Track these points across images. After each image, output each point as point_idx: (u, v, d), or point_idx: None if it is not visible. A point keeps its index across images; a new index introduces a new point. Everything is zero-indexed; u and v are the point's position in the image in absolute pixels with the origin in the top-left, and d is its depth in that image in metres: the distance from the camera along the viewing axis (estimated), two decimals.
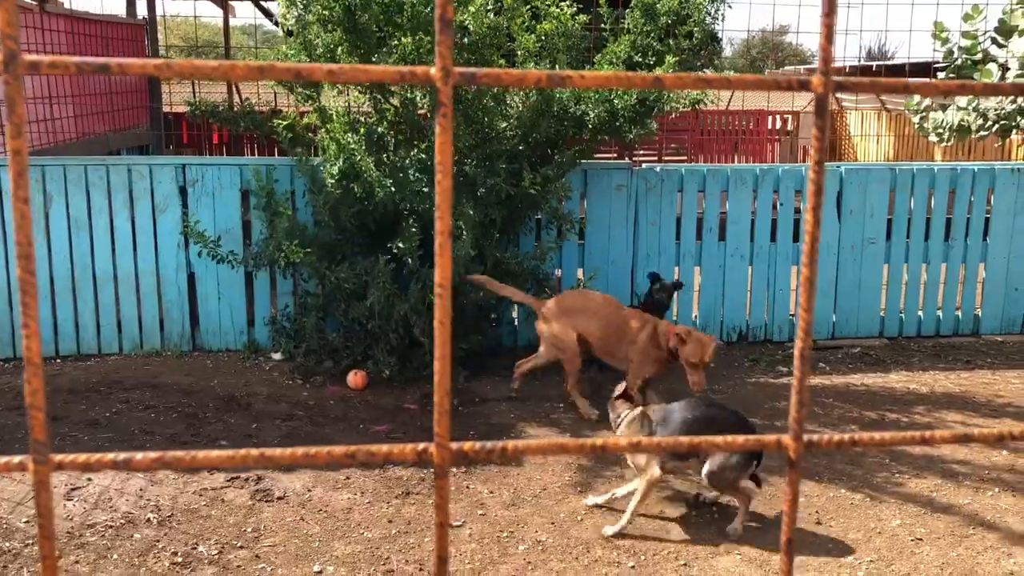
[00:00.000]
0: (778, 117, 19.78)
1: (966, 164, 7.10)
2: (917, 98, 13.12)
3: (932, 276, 7.04)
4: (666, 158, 19.16)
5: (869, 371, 6.38)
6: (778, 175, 6.83)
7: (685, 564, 3.72)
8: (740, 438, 0.63)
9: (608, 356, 5.44)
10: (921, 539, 3.97)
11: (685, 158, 18.99)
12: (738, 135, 20.02)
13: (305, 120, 6.00)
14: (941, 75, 12.51)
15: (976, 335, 7.13)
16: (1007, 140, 11.64)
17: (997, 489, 4.45)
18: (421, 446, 0.59)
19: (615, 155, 19.46)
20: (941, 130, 11.80)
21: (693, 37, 5.94)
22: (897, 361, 6.59)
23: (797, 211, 6.89)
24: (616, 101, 5.69)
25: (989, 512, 4.21)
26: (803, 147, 19.59)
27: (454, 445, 0.59)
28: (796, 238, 6.89)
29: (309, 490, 4.36)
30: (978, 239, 7.03)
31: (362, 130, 5.57)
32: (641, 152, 20.13)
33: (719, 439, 0.61)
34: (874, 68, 17.62)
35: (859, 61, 21.55)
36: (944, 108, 11.93)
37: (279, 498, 4.28)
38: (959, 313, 7.11)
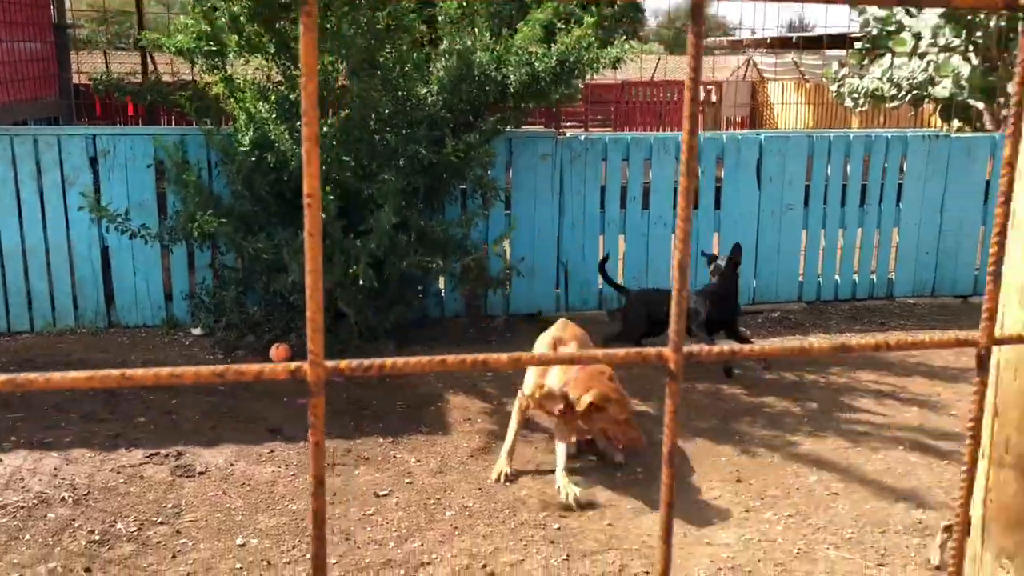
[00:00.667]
0: (702, 88, 20.03)
1: (880, 131, 7.29)
2: (835, 66, 13.46)
3: (848, 241, 7.23)
4: (592, 129, 19.26)
5: (788, 334, 6.54)
6: (700, 143, 6.91)
7: (610, 524, 3.78)
8: (620, 352, 0.62)
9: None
10: (837, 494, 4.10)
11: (611, 129, 19.11)
12: (662, 106, 20.24)
13: (214, 91, 5.82)
14: (858, 45, 12.86)
15: (890, 298, 7.37)
16: (919, 109, 12.01)
17: (907, 445, 4.62)
18: (294, 365, 0.57)
19: (543, 126, 19.50)
20: (856, 95, 12.16)
21: (615, 6, 5.95)
22: (816, 324, 6.77)
23: (719, 179, 7.00)
24: (536, 64, 5.67)
25: (900, 467, 4.37)
26: (727, 117, 19.92)
27: (329, 363, 0.57)
28: (718, 205, 7.00)
29: (232, 464, 4.27)
30: (892, 205, 7.24)
31: (272, 98, 5.44)
32: (568, 124, 20.24)
33: (599, 352, 0.60)
34: (794, 40, 17.95)
35: (777, 32, 21.92)
36: (861, 77, 12.28)
37: (200, 473, 4.19)
38: (874, 277, 7.34)
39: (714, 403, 5.18)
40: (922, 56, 11.01)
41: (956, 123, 11.45)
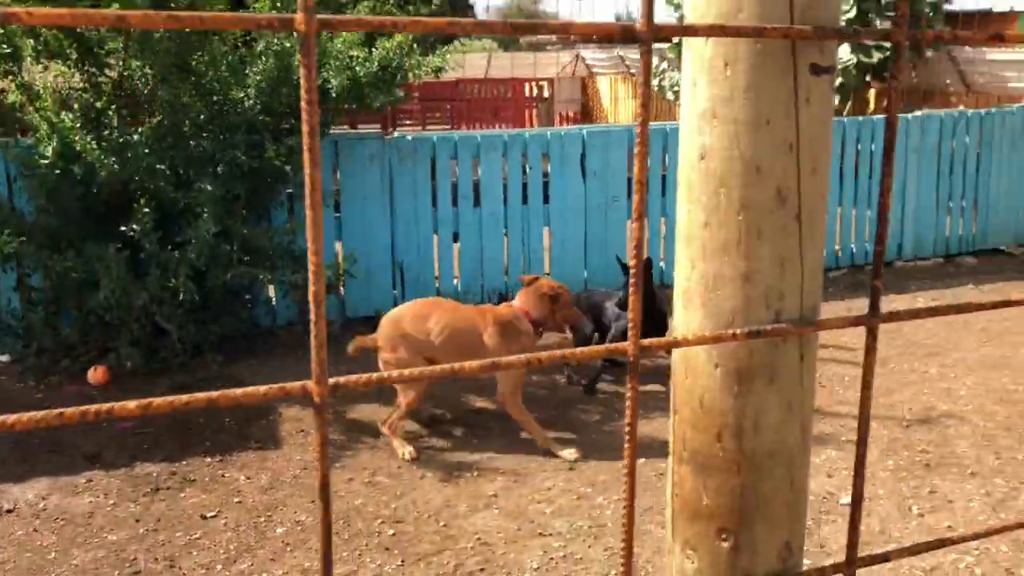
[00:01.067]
0: (534, 84, 20.39)
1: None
2: (655, 60, 14.00)
3: (671, 229, 7.55)
4: (430, 127, 19.23)
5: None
6: (525, 140, 7.04)
7: (445, 525, 3.79)
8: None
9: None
10: (663, 474, 4.27)
11: (448, 127, 19.15)
12: (497, 102, 20.46)
13: (10, 99, 5.43)
14: (676, 39, 13.40)
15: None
16: None
17: None
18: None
19: (378, 125, 19.30)
20: (677, 88, 12.68)
21: (432, 3, 5.95)
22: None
23: (546, 175, 7.14)
24: (358, 68, 5.60)
25: None
26: (559, 112, 20.34)
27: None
28: (547, 200, 7.14)
29: (44, 499, 4.01)
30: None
31: (76, 106, 5.14)
32: (407, 123, 20.14)
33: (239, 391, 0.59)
34: None
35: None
36: (679, 70, 12.82)
37: (8, 511, 3.91)
38: None
39: (553, 393, 5.29)
40: None
41: None
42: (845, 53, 10.41)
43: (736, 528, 0.97)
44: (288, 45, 5.57)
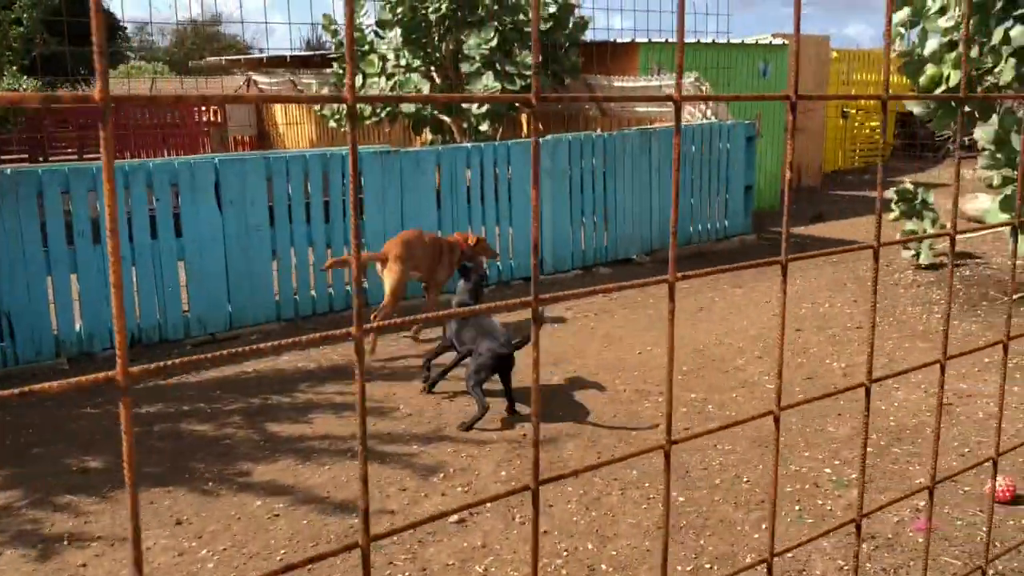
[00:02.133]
0: (206, 109, 19.46)
1: (335, 149, 7.60)
2: (315, 87, 13.89)
3: (319, 256, 7.44)
4: (87, 157, 17.67)
5: (262, 357, 6.53)
6: (150, 170, 6.60)
7: None
8: None
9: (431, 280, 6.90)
10: (279, 515, 4.12)
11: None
12: (165, 129, 19.30)
13: None
14: (335, 66, 13.39)
15: (368, 306, 7.74)
16: (395, 124, 12.87)
17: (354, 453, 4.83)
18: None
19: (26, 155, 17.40)
20: (338, 116, 12.67)
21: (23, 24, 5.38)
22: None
23: (176, 207, 6.74)
24: None
25: (345, 475, 4.54)
26: (234, 137, 19.59)
27: None
28: (179, 233, 6.74)
29: None
30: (358, 220, 7.59)
31: None
32: (69, 150, 18.33)
33: None
34: (288, 59, 18.18)
35: (291, 51, 22.09)
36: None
37: None
38: (348, 288, 7.65)
39: (170, 443, 4.95)
40: (390, 76, 11.81)
41: (428, 135, 12.50)
42: (491, 81, 10.95)
43: None
44: None
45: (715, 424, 5.06)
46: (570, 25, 11.97)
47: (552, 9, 11.85)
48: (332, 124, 12.61)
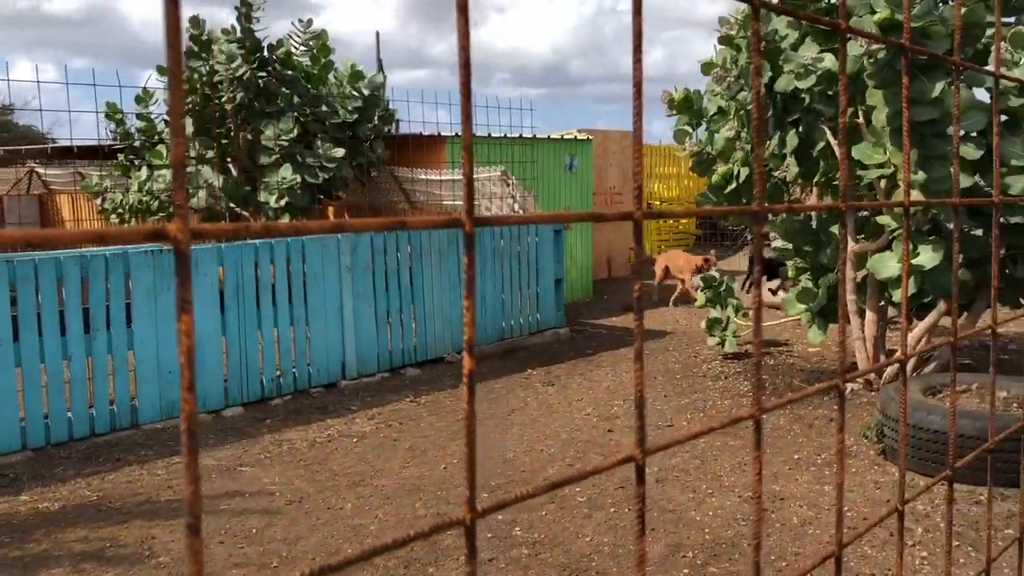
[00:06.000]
0: None
1: (96, 250, 6.71)
2: (96, 178, 12.80)
3: (76, 373, 6.47)
4: None
5: (1, 494, 5.48)
6: None
7: None
8: None
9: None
10: None
11: None
12: None
13: None
14: (121, 156, 12.38)
15: (136, 426, 6.79)
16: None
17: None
18: None
19: None
20: (121, 210, 11.63)
21: None
22: (38, 476, 5.82)
23: None
24: None
25: None
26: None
27: None
28: None
29: None
30: (122, 327, 6.70)
31: None
32: None
33: None
34: (75, 150, 16.82)
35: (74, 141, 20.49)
36: (126, 190, 11.80)
37: None
38: (114, 407, 6.68)
39: None
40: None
41: None
42: (289, 173, 10.35)
43: None
44: None
45: (523, 551, 4.55)
46: (376, 118, 11.63)
47: (358, 102, 11.48)
48: (114, 219, 11.53)
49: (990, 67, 6.32)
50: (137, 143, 11.95)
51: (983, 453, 1.19)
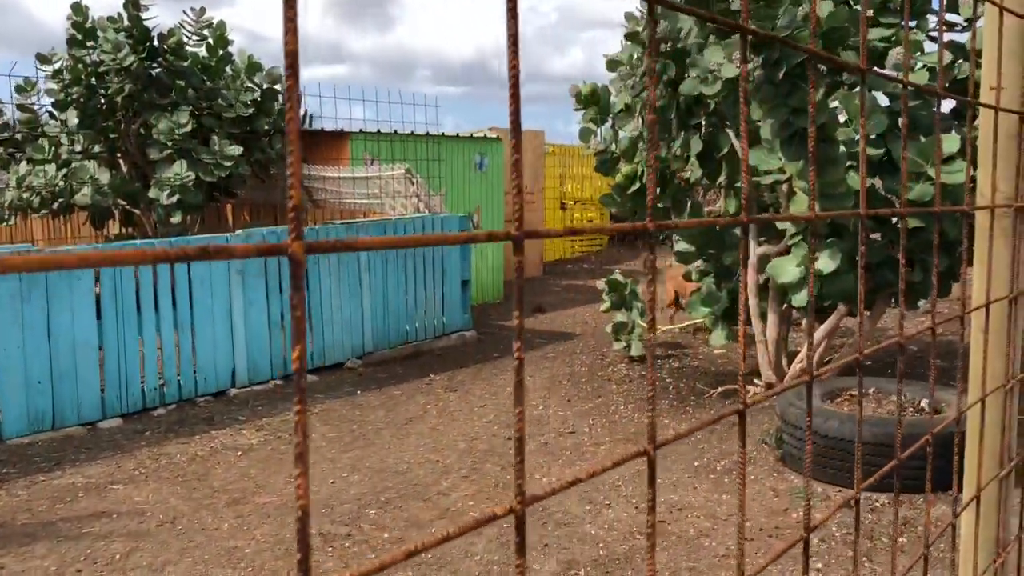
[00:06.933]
0: None
1: None
2: None
3: None
4: None
5: None
6: None
7: None
8: None
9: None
10: None
11: None
12: None
13: None
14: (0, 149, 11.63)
15: (2, 441, 6.29)
16: (71, 216, 11.31)
17: None
18: None
19: None
20: (1, 211, 10.92)
21: None
22: None
23: None
24: None
25: None
26: None
27: None
28: None
29: None
30: None
31: None
32: None
33: None
34: None
35: None
36: (5, 187, 11.08)
37: None
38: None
39: None
40: (68, 163, 10.35)
41: (116, 229, 11.05)
42: (183, 169, 9.85)
43: None
44: None
45: (407, 573, 4.29)
46: (275, 111, 11.19)
47: (255, 95, 11.02)
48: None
49: (887, 71, 6.34)
50: (19, 135, 11.25)
51: (891, 470, 1.08)
